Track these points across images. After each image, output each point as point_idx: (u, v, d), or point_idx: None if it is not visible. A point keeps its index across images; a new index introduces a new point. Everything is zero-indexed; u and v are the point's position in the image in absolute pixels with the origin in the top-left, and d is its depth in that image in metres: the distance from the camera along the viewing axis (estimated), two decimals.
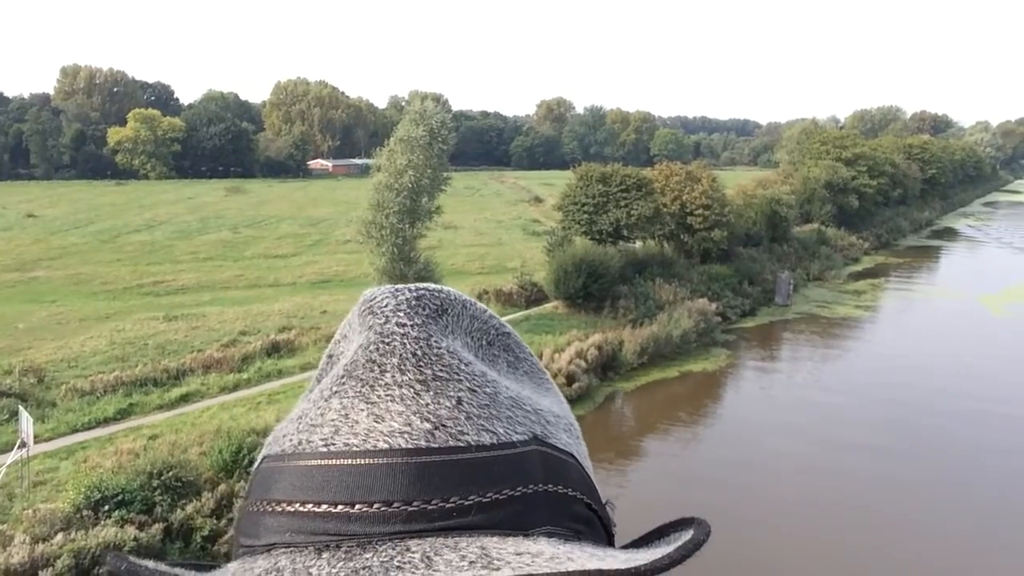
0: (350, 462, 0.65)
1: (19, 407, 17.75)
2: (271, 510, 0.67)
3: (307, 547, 0.63)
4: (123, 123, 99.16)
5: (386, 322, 0.72)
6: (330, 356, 0.82)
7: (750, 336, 35.26)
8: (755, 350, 33.80)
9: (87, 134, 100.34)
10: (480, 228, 56.83)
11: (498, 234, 54.39)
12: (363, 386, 0.69)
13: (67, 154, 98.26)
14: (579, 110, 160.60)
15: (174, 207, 67.23)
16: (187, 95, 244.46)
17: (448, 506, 0.63)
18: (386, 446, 0.65)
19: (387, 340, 0.71)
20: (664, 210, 37.35)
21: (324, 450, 0.66)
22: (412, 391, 0.68)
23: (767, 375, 30.96)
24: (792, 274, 42.49)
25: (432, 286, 0.77)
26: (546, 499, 0.68)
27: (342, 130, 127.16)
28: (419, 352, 0.70)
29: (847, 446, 22.84)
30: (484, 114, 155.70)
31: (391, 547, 0.60)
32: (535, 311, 32.71)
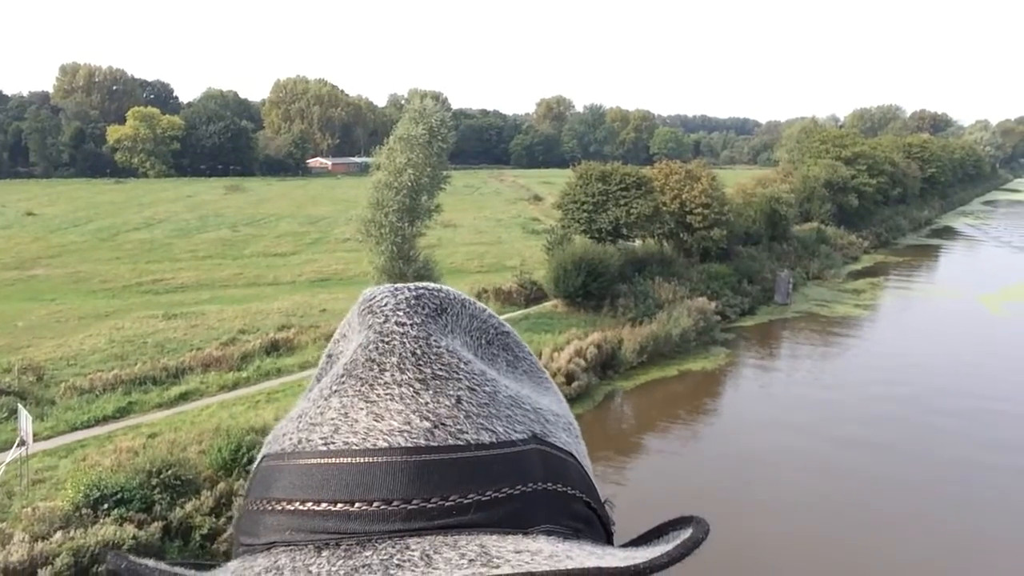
0: (350, 461, 0.65)
1: (18, 405, 17.73)
2: (271, 508, 0.67)
3: (307, 545, 0.63)
4: (122, 121, 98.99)
5: (385, 321, 0.72)
6: (329, 355, 0.82)
7: (749, 335, 35.27)
8: (754, 349, 33.81)
9: (86, 132, 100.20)
10: (479, 227, 56.81)
11: (497, 233, 54.37)
12: (363, 385, 0.69)
13: (66, 152, 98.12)
14: (579, 108, 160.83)
15: (173, 205, 67.17)
16: (186, 93, 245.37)
17: (447, 504, 0.63)
18: (386, 445, 0.65)
19: (386, 339, 0.71)
20: (664, 209, 37.34)
21: (324, 449, 0.67)
22: (411, 390, 0.68)
23: (766, 374, 30.98)
24: (791, 273, 42.47)
25: (431, 285, 0.77)
26: (545, 497, 0.69)
27: (341, 128, 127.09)
28: (418, 351, 0.70)
29: (846, 444, 22.87)
30: (484, 112, 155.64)
31: (391, 545, 0.61)
32: (534, 310, 32.72)
